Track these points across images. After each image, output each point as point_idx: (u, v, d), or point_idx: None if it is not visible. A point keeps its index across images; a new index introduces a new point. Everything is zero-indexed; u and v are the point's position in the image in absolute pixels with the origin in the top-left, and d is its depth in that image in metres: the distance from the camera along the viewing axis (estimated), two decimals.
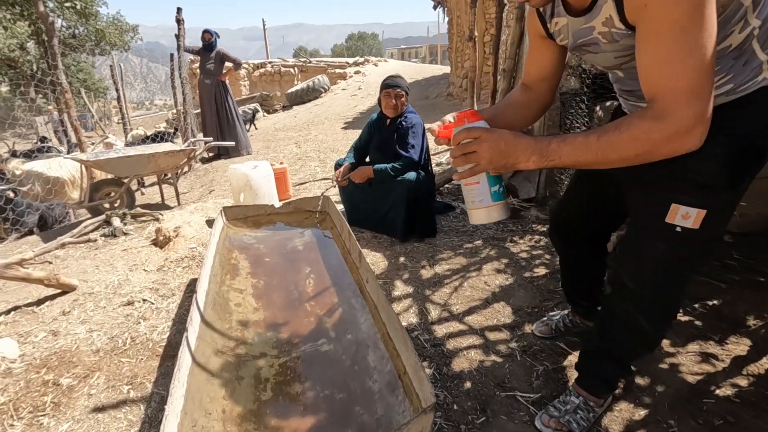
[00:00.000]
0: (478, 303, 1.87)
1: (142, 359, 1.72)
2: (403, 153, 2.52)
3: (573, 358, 1.50)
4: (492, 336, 1.66)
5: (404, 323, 1.78)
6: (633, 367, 1.31)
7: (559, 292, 1.89)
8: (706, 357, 1.45)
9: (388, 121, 2.67)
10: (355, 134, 6.84)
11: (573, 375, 1.42)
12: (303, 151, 5.91)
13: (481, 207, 0.91)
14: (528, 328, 1.68)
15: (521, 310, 1.80)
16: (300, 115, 10.32)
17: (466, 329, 1.71)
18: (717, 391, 1.30)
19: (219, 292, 1.70)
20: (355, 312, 1.59)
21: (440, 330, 1.72)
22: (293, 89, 12.59)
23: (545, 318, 1.67)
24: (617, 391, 1.32)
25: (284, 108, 12.23)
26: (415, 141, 2.55)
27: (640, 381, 1.37)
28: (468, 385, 1.42)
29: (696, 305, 1.70)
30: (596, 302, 1.52)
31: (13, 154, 6.46)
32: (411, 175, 2.47)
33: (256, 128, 9.04)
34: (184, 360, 1.17)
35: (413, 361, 1.16)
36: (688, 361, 1.43)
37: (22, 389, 1.59)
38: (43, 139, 6.57)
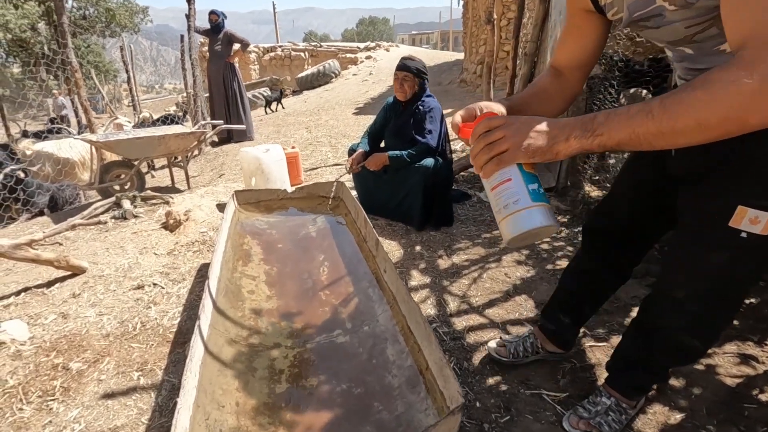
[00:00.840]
0: (498, 295, 1.80)
1: (152, 345, 1.68)
2: (420, 139, 2.43)
3: (602, 355, 1.43)
4: (514, 330, 1.59)
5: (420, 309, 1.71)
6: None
7: None
8: (744, 359, 1.36)
9: (404, 104, 2.57)
10: (366, 120, 6.73)
11: (602, 373, 1.35)
12: (314, 136, 5.82)
13: (518, 210, 0.65)
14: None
15: (544, 304, 1.72)
16: (310, 100, 10.20)
17: (486, 323, 1.64)
18: (759, 396, 1.23)
19: (231, 278, 1.65)
20: (372, 303, 1.53)
21: (460, 323, 1.66)
22: (303, 74, 12.43)
23: (502, 339, 1.47)
24: (650, 393, 1.25)
25: (294, 93, 12.10)
26: (433, 126, 2.45)
27: (674, 382, 1.29)
28: (491, 381, 1.36)
29: None
30: (573, 327, 1.36)
31: (24, 135, 6.46)
32: (428, 161, 2.38)
33: (283, 107, 9.30)
34: (196, 350, 1.12)
35: (437, 357, 1.09)
36: (725, 363, 1.35)
37: (31, 372, 1.56)
38: (52, 120, 6.53)
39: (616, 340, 1.48)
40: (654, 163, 1.05)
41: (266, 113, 9.05)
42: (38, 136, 5.81)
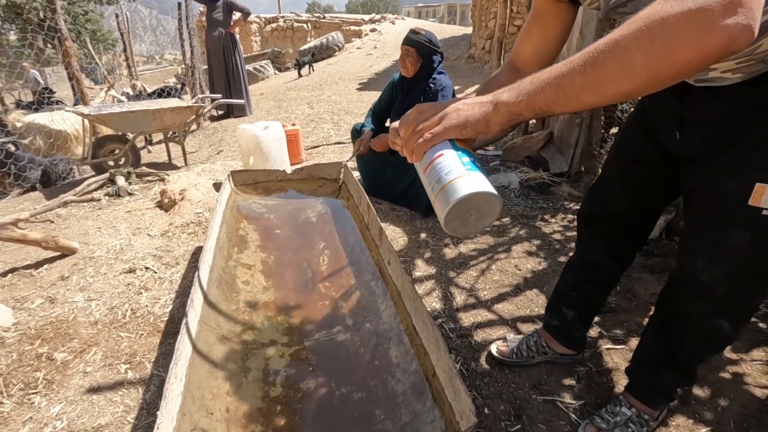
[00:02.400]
0: (508, 289, 1.70)
1: (142, 335, 1.59)
2: None
3: (620, 359, 1.34)
4: (525, 328, 1.50)
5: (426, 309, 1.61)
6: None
7: None
8: None
9: (412, 82, 2.41)
10: (370, 96, 6.51)
11: (620, 379, 1.26)
12: (316, 112, 5.64)
13: (450, 180, 0.56)
14: None
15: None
16: (312, 73, 9.92)
17: (495, 319, 1.55)
18: None
19: (225, 267, 1.55)
20: (375, 298, 1.43)
21: (467, 318, 1.56)
22: (306, 46, 12.06)
23: (506, 339, 1.40)
24: (673, 403, 1.16)
25: (296, 66, 11.76)
26: None
27: (698, 392, 1.20)
28: (500, 385, 1.27)
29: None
30: (579, 323, 1.26)
31: (18, 105, 6.27)
32: None
33: (313, 70, 9.73)
34: (182, 351, 1.02)
35: (446, 364, 1.00)
36: (753, 371, 1.26)
37: (14, 362, 1.48)
38: (44, 91, 6.29)
39: (635, 342, 1.38)
40: (647, 139, 0.98)
41: (300, 76, 9.49)
42: (28, 107, 5.65)
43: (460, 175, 0.56)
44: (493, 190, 0.56)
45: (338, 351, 1.26)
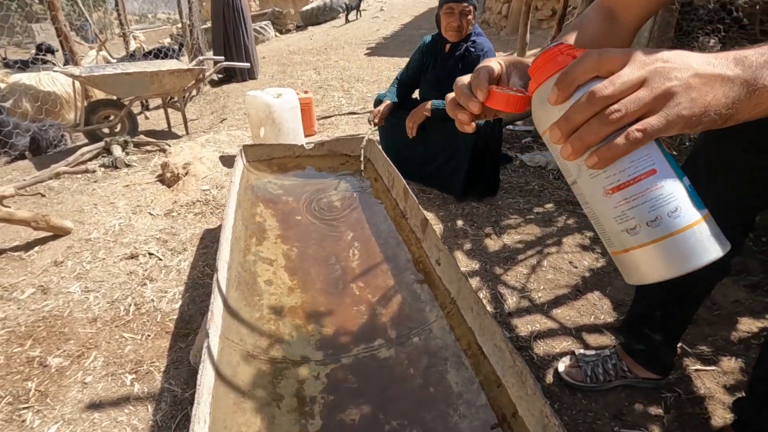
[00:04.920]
0: (565, 291, 1.49)
1: (148, 336, 1.39)
2: None
3: (712, 384, 1.14)
4: (592, 340, 1.30)
5: (501, 329, 1.41)
6: None
7: None
8: None
9: (448, 46, 2.12)
10: (381, 62, 6.12)
11: (716, 409, 1.08)
12: (323, 78, 5.28)
13: (684, 227, 0.34)
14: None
15: (624, 305, 1.42)
16: (316, 37, 9.39)
17: (556, 327, 1.35)
18: None
19: (244, 263, 1.33)
20: (422, 305, 1.22)
21: (522, 326, 1.36)
22: (308, 7, 11.41)
23: (575, 356, 1.19)
24: None
25: (298, 28, 11.17)
26: None
27: None
28: (574, 413, 1.08)
29: None
30: (667, 346, 1.06)
31: (6, 65, 5.86)
32: None
33: (360, 16, 9.93)
34: (206, 384, 0.81)
35: (538, 407, 0.79)
36: None
37: (1, 368, 1.29)
38: (39, 48, 5.79)
39: (727, 363, 1.19)
40: (754, 154, 0.78)
41: (347, 21, 9.97)
42: (7, 65, 5.26)
43: (695, 220, 0.34)
44: (727, 244, 0.35)
45: (382, 371, 1.06)
